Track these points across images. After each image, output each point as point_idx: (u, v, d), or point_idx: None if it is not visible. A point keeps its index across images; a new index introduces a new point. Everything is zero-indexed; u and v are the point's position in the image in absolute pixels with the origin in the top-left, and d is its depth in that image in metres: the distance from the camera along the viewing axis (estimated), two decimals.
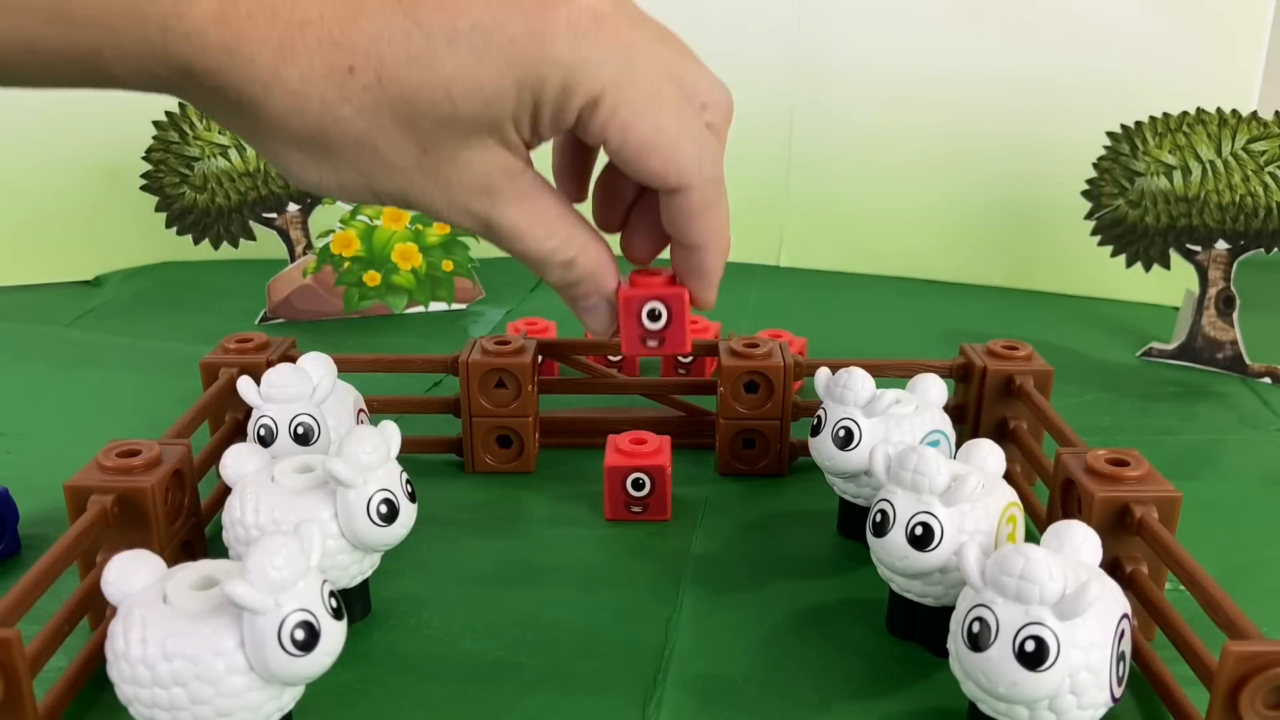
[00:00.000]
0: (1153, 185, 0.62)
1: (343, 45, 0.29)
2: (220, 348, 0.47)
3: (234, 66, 0.28)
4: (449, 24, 0.29)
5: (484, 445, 0.48)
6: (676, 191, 0.34)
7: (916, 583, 0.35)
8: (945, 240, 0.78)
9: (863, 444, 0.40)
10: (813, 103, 0.78)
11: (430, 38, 0.29)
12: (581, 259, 0.36)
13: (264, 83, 0.29)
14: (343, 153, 0.31)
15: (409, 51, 0.29)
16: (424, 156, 0.31)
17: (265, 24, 0.28)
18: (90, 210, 0.75)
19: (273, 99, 0.29)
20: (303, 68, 0.29)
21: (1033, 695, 0.29)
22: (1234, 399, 0.59)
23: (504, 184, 0.33)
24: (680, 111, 0.33)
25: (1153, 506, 0.35)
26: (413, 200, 0.33)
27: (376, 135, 0.30)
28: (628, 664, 0.35)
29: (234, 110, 0.30)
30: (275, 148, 0.31)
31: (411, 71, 0.29)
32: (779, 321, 0.63)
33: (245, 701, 0.28)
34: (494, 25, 0.29)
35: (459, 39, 0.29)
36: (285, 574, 0.28)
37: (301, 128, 0.30)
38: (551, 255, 0.35)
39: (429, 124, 0.30)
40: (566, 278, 0.36)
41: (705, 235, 0.36)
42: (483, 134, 0.31)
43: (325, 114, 0.30)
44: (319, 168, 0.32)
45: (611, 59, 0.31)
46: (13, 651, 0.28)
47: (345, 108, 0.30)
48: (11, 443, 0.51)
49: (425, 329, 0.67)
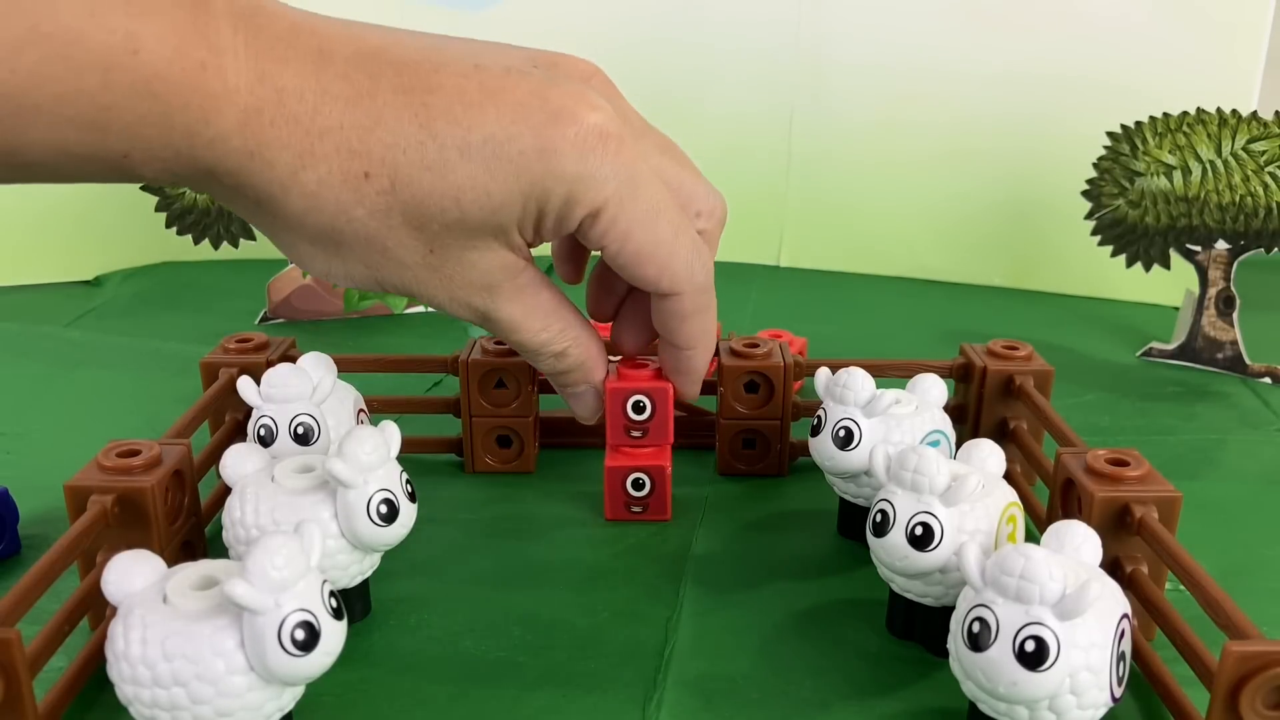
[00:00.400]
0: (1153, 185, 0.62)
1: (360, 153, 0.30)
2: (220, 348, 0.47)
3: (255, 169, 0.30)
4: (462, 136, 0.31)
5: (484, 445, 0.48)
6: (668, 296, 0.36)
7: (916, 583, 0.35)
8: (945, 240, 0.78)
9: (863, 444, 0.40)
10: (813, 102, 0.78)
11: (444, 149, 0.31)
12: (573, 350, 0.38)
13: (283, 184, 0.30)
14: (353, 249, 0.32)
15: (423, 160, 0.31)
16: (430, 255, 0.33)
17: (287, 131, 0.30)
18: (90, 210, 0.75)
19: (290, 199, 0.31)
20: (320, 172, 0.30)
21: (1033, 695, 0.29)
22: (1234, 399, 0.59)
23: (504, 281, 0.35)
24: (676, 224, 0.35)
25: (1153, 506, 0.35)
26: (416, 292, 0.34)
27: (386, 235, 0.32)
28: (628, 664, 0.35)
29: (252, 206, 0.31)
30: (290, 240, 0.33)
31: (424, 179, 0.31)
32: (779, 321, 0.63)
33: (245, 701, 0.28)
34: (505, 139, 0.31)
35: (471, 151, 0.31)
36: (285, 574, 0.28)
37: (316, 225, 0.32)
38: (545, 347, 0.37)
39: (437, 227, 0.32)
40: (557, 367, 0.38)
41: (692, 337, 0.38)
42: (487, 237, 0.33)
43: (339, 215, 0.31)
44: (329, 260, 0.33)
45: (614, 175, 0.32)
46: (13, 651, 0.28)
47: (359, 210, 0.31)
48: (11, 443, 0.51)
49: (425, 329, 0.67)
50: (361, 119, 0.30)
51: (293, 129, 0.30)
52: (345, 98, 0.30)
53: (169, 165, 0.29)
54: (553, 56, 0.35)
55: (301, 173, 0.30)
